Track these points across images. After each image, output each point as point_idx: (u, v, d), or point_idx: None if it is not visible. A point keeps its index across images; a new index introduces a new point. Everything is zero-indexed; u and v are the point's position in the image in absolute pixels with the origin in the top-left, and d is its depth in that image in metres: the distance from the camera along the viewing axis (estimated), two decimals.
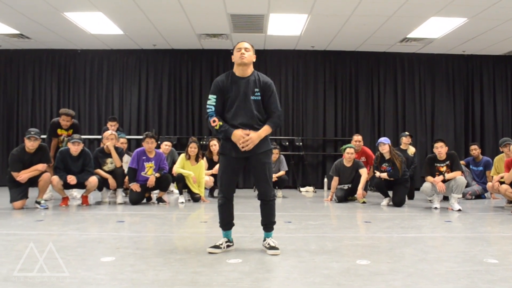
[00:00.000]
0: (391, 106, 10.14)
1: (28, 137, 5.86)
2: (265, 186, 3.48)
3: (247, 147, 3.34)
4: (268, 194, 3.50)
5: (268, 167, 3.50)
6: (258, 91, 3.43)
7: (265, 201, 3.52)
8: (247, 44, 3.47)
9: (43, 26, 8.19)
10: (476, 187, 7.84)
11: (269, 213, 3.56)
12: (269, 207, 3.54)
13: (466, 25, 7.87)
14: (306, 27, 8.23)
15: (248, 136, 3.34)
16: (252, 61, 3.49)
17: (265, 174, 3.47)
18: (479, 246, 3.75)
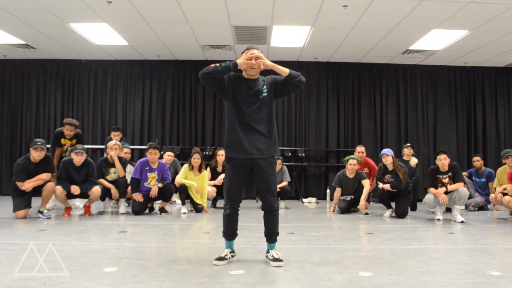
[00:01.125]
0: (393, 117, 10.16)
1: (34, 147, 5.89)
2: (269, 197, 3.44)
3: (258, 61, 3.36)
4: (273, 205, 3.47)
5: (273, 178, 3.46)
6: (265, 89, 3.44)
7: (269, 212, 3.49)
8: (258, 52, 3.42)
9: (49, 36, 8.27)
10: (479, 199, 7.83)
11: (273, 224, 3.51)
12: (273, 218, 3.50)
13: (467, 38, 7.92)
14: (309, 39, 8.30)
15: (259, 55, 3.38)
16: (259, 70, 3.47)
17: (269, 185, 3.43)
18: (482, 258, 3.74)
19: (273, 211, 3.48)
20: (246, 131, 3.40)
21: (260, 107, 3.42)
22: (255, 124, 3.40)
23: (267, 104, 3.45)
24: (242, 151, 3.38)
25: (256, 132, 3.40)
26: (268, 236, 3.53)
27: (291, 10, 6.89)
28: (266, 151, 3.41)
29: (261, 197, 3.52)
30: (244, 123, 3.41)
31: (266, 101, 3.45)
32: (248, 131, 3.40)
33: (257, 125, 3.40)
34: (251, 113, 3.40)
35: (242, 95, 3.42)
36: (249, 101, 3.41)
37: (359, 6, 6.66)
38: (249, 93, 3.42)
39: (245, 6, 6.76)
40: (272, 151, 3.45)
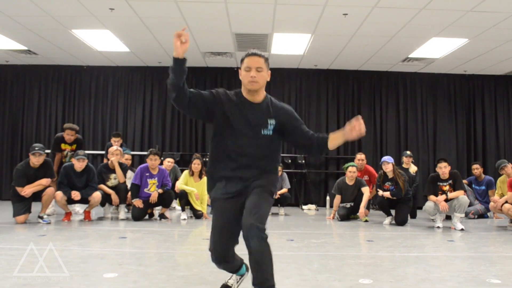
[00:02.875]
0: (393, 125, 10.18)
1: (33, 153, 5.91)
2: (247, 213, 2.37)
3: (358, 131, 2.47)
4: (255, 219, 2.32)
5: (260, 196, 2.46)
6: (272, 123, 2.56)
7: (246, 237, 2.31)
8: (258, 59, 2.52)
9: (51, 42, 8.31)
10: (479, 207, 7.83)
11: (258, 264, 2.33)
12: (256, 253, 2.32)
13: (467, 46, 7.96)
14: (309, 46, 8.34)
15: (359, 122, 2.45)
16: (265, 83, 2.59)
17: (253, 200, 2.43)
18: (482, 266, 3.74)
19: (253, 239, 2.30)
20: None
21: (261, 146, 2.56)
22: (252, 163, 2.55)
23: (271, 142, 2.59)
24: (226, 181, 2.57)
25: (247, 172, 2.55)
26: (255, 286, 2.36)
27: (291, 18, 6.93)
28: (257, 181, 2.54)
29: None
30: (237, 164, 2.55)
31: (270, 138, 2.58)
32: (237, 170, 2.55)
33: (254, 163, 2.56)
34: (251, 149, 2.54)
35: (240, 124, 2.54)
36: (250, 132, 2.54)
37: (359, 14, 6.70)
38: (249, 122, 2.55)
39: (246, 14, 6.80)
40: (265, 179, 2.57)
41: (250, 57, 2.53)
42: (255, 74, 2.50)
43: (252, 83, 2.51)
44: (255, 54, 2.53)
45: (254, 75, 2.50)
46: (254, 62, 2.51)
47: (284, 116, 2.62)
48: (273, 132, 2.57)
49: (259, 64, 2.51)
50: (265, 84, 2.59)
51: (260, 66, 2.51)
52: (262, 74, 2.53)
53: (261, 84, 2.55)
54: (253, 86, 2.53)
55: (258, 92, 2.59)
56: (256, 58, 2.52)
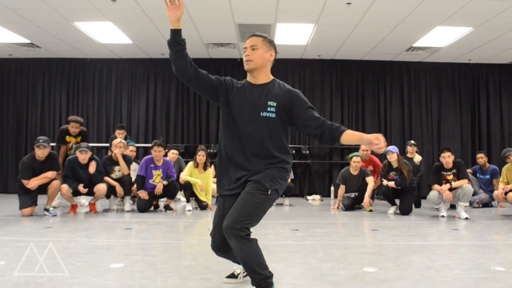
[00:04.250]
0: (397, 115, 10.15)
1: (37, 145, 5.93)
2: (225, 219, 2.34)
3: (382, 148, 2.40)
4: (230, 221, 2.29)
5: (255, 199, 2.35)
6: (273, 105, 2.43)
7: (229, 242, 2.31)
8: (253, 38, 2.48)
9: (54, 35, 8.31)
10: (483, 196, 7.82)
11: (243, 262, 2.35)
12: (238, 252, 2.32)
13: (471, 34, 7.90)
14: (312, 36, 8.30)
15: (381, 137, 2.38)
16: (264, 63, 2.48)
17: (240, 201, 2.37)
18: (486, 254, 3.75)
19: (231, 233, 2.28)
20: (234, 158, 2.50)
21: (260, 128, 2.44)
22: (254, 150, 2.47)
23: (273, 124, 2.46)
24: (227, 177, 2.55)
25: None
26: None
27: (295, 8, 6.89)
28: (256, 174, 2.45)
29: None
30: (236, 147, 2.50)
31: (272, 120, 2.45)
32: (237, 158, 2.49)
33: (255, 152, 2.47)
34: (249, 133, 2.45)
35: (240, 108, 2.49)
36: (247, 115, 2.47)
37: (362, 4, 6.65)
38: (247, 105, 2.48)
39: (249, 4, 6.77)
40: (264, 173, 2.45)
41: (247, 39, 2.50)
42: (249, 53, 2.45)
43: (247, 62, 2.46)
44: (252, 35, 2.51)
45: (248, 53, 2.45)
46: (249, 42, 2.48)
47: (289, 99, 2.48)
48: (277, 116, 2.45)
49: (254, 42, 2.46)
50: (265, 64, 2.50)
51: (254, 44, 2.45)
52: (258, 52, 2.45)
53: (257, 63, 2.46)
54: (248, 65, 2.47)
55: (259, 72, 2.51)
56: (252, 38, 2.49)
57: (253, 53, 2.45)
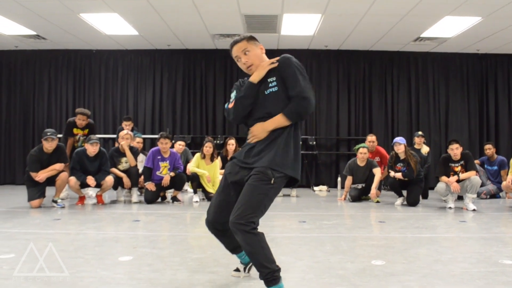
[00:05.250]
0: (404, 106, 10.09)
1: (45, 138, 5.96)
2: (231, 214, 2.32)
3: (251, 140, 2.46)
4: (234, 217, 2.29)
5: (259, 191, 2.33)
6: (273, 80, 2.44)
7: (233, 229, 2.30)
8: (239, 45, 2.49)
9: (59, 27, 8.30)
10: (491, 187, 7.78)
11: (250, 256, 2.36)
12: (244, 246, 2.34)
13: (480, 24, 7.80)
14: (319, 27, 8.23)
15: (252, 128, 2.45)
16: (261, 59, 2.52)
17: (245, 197, 2.34)
18: (494, 247, 3.73)
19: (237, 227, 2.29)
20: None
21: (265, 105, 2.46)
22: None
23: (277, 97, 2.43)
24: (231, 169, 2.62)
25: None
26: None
27: None
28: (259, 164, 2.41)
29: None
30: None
31: (276, 94, 2.44)
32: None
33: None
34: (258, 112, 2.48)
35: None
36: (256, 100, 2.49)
37: None
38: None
39: None
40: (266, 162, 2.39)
41: (233, 49, 2.51)
42: (245, 59, 2.49)
43: (249, 68, 2.50)
44: (234, 42, 2.52)
45: (245, 60, 2.49)
46: (237, 50, 2.50)
47: (280, 67, 2.45)
48: (279, 88, 2.43)
49: (243, 47, 2.48)
50: (262, 58, 2.53)
51: (245, 48, 2.48)
52: (252, 53, 2.49)
53: (257, 62, 2.49)
54: (252, 70, 2.50)
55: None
56: (236, 46, 2.50)
57: (248, 57, 2.49)
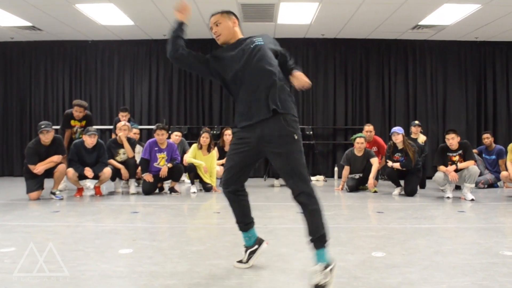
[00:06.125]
0: (402, 94, 10.07)
1: (40, 131, 5.93)
2: (290, 180, 2.55)
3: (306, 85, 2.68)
4: (296, 190, 2.53)
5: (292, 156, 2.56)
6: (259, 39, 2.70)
7: (297, 201, 2.55)
8: (213, 18, 2.74)
9: (55, 18, 8.21)
10: (489, 176, 7.80)
11: (309, 220, 2.54)
12: (307, 211, 2.54)
13: (479, 12, 7.76)
14: (316, 15, 8.18)
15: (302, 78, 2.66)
16: (231, 32, 2.73)
17: (285, 166, 2.55)
18: (494, 238, 3.74)
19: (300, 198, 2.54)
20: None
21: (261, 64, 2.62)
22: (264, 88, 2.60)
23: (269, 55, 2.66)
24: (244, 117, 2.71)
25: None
26: (309, 240, 2.55)
27: None
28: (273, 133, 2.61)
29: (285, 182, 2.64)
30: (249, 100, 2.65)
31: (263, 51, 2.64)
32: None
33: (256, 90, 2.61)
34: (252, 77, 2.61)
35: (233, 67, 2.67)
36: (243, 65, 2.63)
37: None
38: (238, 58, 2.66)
39: None
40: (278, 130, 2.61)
41: (210, 20, 2.76)
42: (215, 29, 2.74)
43: (217, 37, 2.75)
44: (211, 16, 2.76)
45: (215, 31, 2.74)
46: (211, 22, 2.75)
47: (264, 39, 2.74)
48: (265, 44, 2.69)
49: (215, 20, 2.73)
50: (233, 32, 2.76)
51: (216, 21, 2.72)
52: (222, 25, 2.72)
53: (226, 35, 2.73)
54: (220, 39, 2.75)
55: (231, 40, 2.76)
56: (212, 17, 2.75)
57: (218, 28, 2.73)
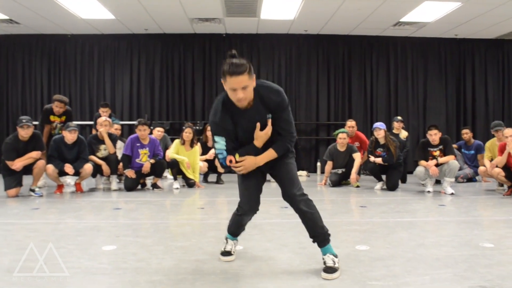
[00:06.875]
0: (383, 90, 10.17)
1: (20, 125, 5.79)
2: (287, 186, 2.70)
3: (238, 170, 2.62)
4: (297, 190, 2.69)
5: (291, 167, 2.78)
6: (269, 115, 2.62)
7: (293, 204, 2.72)
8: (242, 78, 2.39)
9: (33, 11, 8.03)
10: (468, 171, 7.95)
11: (312, 223, 2.76)
12: (307, 216, 2.75)
13: (459, 9, 7.87)
14: (300, 11, 8.18)
15: (242, 160, 2.59)
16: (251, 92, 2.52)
17: (287, 173, 2.73)
18: (475, 230, 3.82)
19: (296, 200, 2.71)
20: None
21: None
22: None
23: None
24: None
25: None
26: (312, 238, 2.80)
27: None
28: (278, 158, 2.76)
29: (281, 188, 2.77)
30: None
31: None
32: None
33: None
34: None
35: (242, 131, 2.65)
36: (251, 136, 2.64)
37: None
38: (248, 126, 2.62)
39: None
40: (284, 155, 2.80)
41: (232, 78, 2.37)
42: (242, 95, 2.43)
43: (240, 102, 2.47)
44: (236, 73, 2.37)
45: (240, 96, 2.43)
46: (238, 83, 2.39)
47: (274, 106, 2.58)
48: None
49: (244, 83, 2.40)
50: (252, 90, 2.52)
51: (245, 85, 2.41)
52: (249, 89, 2.45)
53: (249, 98, 2.50)
54: (243, 104, 2.50)
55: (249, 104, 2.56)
56: (239, 78, 2.38)
57: (245, 92, 2.44)
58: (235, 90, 2.41)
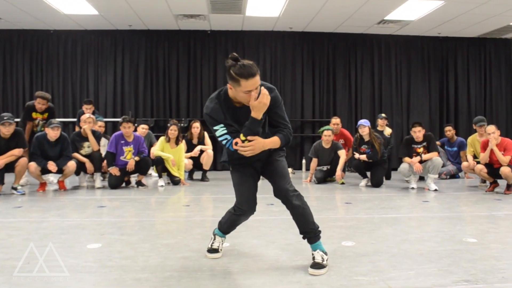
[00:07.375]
0: (368, 88, 10.24)
1: (2, 123, 5.69)
2: (280, 181, 2.73)
3: (246, 153, 2.53)
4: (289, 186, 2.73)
5: (283, 164, 2.80)
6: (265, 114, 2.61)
7: (286, 200, 2.73)
8: (257, 79, 2.43)
9: (14, 5, 7.88)
10: (451, 167, 8.06)
11: (302, 219, 2.76)
12: (299, 211, 2.73)
13: (442, 8, 7.96)
14: (285, 8, 8.18)
15: (251, 140, 2.51)
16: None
17: (280, 169, 2.76)
18: (458, 226, 3.88)
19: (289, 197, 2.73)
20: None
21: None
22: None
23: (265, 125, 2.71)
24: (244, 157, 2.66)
25: None
26: (303, 235, 2.80)
27: None
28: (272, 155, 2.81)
29: (272, 184, 2.81)
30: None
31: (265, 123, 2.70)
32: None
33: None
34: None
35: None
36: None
37: None
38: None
39: None
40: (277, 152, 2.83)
41: (249, 81, 2.39)
42: (255, 95, 2.44)
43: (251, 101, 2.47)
44: (252, 75, 2.40)
45: (255, 96, 2.43)
46: (254, 84, 2.42)
47: (273, 102, 2.59)
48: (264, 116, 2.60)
49: (258, 82, 2.45)
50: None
51: (258, 85, 2.46)
52: (258, 88, 2.47)
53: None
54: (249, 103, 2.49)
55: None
56: (255, 79, 2.41)
57: (256, 91, 2.45)
58: (249, 91, 2.42)
